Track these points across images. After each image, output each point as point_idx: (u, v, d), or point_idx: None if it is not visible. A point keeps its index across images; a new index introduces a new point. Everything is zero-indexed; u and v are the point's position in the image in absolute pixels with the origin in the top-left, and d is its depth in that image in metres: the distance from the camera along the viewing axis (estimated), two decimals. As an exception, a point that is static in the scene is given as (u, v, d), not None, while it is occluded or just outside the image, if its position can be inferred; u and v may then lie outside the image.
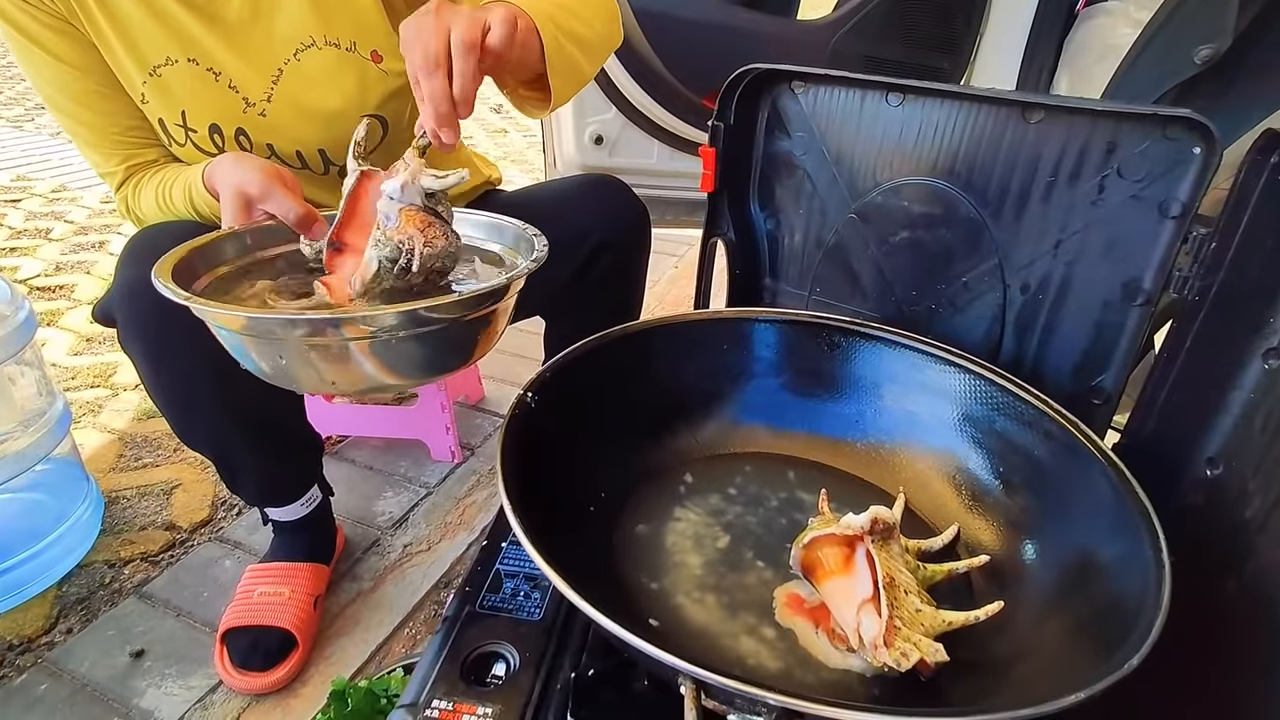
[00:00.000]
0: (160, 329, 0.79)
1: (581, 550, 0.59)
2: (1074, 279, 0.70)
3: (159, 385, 0.85)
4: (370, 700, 0.90)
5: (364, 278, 0.64)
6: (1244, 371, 0.57)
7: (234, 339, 0.62)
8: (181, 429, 0.91)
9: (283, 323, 0.60)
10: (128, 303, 0.79)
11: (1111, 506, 0.54)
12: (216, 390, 0.85)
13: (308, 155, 0.91)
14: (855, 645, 0.53)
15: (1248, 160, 0.54)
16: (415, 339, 0.61)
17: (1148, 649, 0.41)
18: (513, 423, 0.57)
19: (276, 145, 0.89)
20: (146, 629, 1.08)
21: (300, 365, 0.62)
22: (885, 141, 0.77)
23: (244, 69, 0.85)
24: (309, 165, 0.92)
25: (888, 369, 0.75)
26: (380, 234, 0.64)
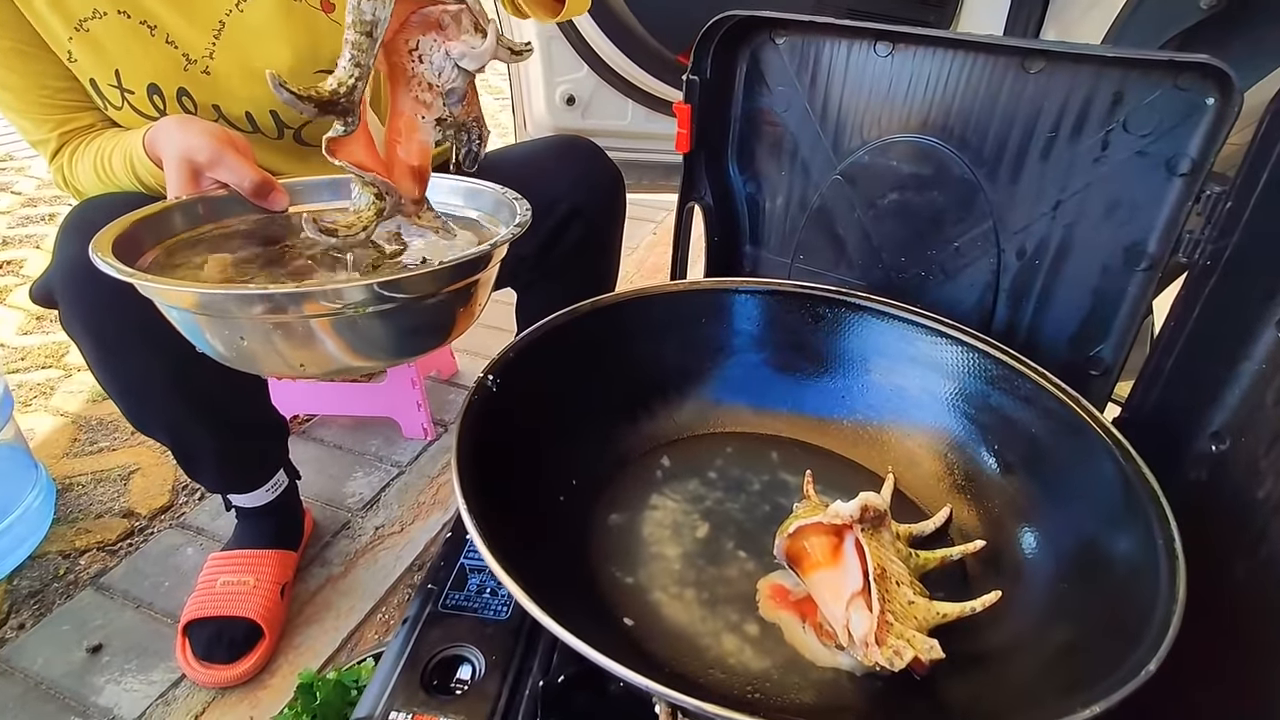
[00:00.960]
0: (106, 310, 0.73)
1: (551, 547, 0.55)
2: (1073, 243, 0.66)
3: (107, 371, 0.79)
4: (340, 692, 0.87)
5: (426, 176, 0.55)
6: (1255, 341, 0.54)
7: (186, 319, 0.55)
8: (134, 416, 0.86)
9: (240, 299, 0.52)
10: (69, 283, 0.73)
11: (1116, 490, 0.51)
12: (170, 375, 0.79)
13: (258, 117, 0.83)
14: (845, 642, 0.49)
15: (1269, 113, 0.49)
16: (390, 315, 0.55)
17: (1165, 652, 0.37)
18: (470, 411, 0.52)
19: (224, 107, 0.81)
20: (104, 622, 1.03)
21: (262, 346, 0.55)
22: (873, 96, 0.72)
23: (181, 22, 0.77)
24: (260, 128, 0.84)
25: (875, 341, 0.70)
26: (446, 112, 0.54)
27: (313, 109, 0.50)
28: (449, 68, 0.54)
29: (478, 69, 0.54)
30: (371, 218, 0.56)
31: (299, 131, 0.86)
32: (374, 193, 0.55)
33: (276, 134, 0.85)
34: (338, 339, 0.54)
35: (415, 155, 0.56)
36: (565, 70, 1.62)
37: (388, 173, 0.56)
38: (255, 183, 0.64)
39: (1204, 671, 0.49)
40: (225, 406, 0.88)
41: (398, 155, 0.56)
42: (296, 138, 0.86)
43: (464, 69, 0.54)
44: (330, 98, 0.51)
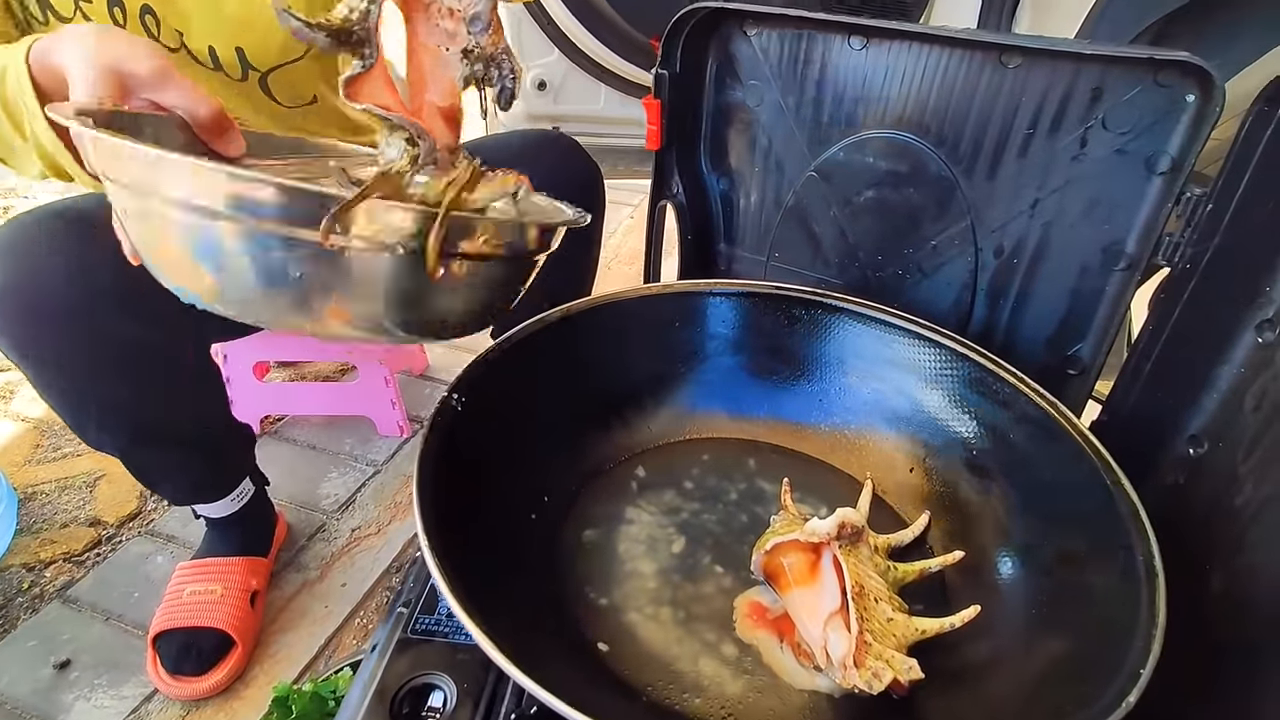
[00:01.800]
0: (45, 338, 0.68)
1: (522, 570, 0.53)
2: (1051, 242, 0.65)
3: (51, 394, 0.75)
4: (316, 704, 0.85)
5: (458, 116, 0.48)
6: (1234, 344, 0.53)
7: (195, 230, 0.41)
8: (84, 436, 0.82)
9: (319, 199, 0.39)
10: (3, 306, 0.66)
11: (1096, 501, 0.50)
12: (114, 398, 0.75)
13: (222, 53, 0.77)
14: (823, 664, 0.49)
15: (1253, 111, 0.48)
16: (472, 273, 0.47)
17: (1145, 683, 0.36)
18: (433, 435, 0.50)
19: (187, 35, 0.74)
20: (72, 636, 1.00)
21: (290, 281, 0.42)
22: (847, 90, 0.70)
23: None
24: (223, 66, 0.77)
25: (852, 344, 0.69)
26: (471, 41, 0.47)
27: (325, 40, 0.42)
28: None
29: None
30: (406, 166, 0.48)
31: (265, 76, 0.80)
32: (405, 137, 0.48)
33: (240, 75, 0.79)
34: (400, 286, 0.44)
35: (444, 94, 0.49)
36: (535, 54, 1.58)
37: (416, 117, 0.49)
38: (213, 111, 0.51)
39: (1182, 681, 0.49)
40: (180, 424, 0.85)
41: (424, 97, 0.49)
42: (262, 83, 0.81)
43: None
44: (343, 25, 0.43)
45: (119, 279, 0.39)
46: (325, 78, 0.86)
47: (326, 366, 1.57)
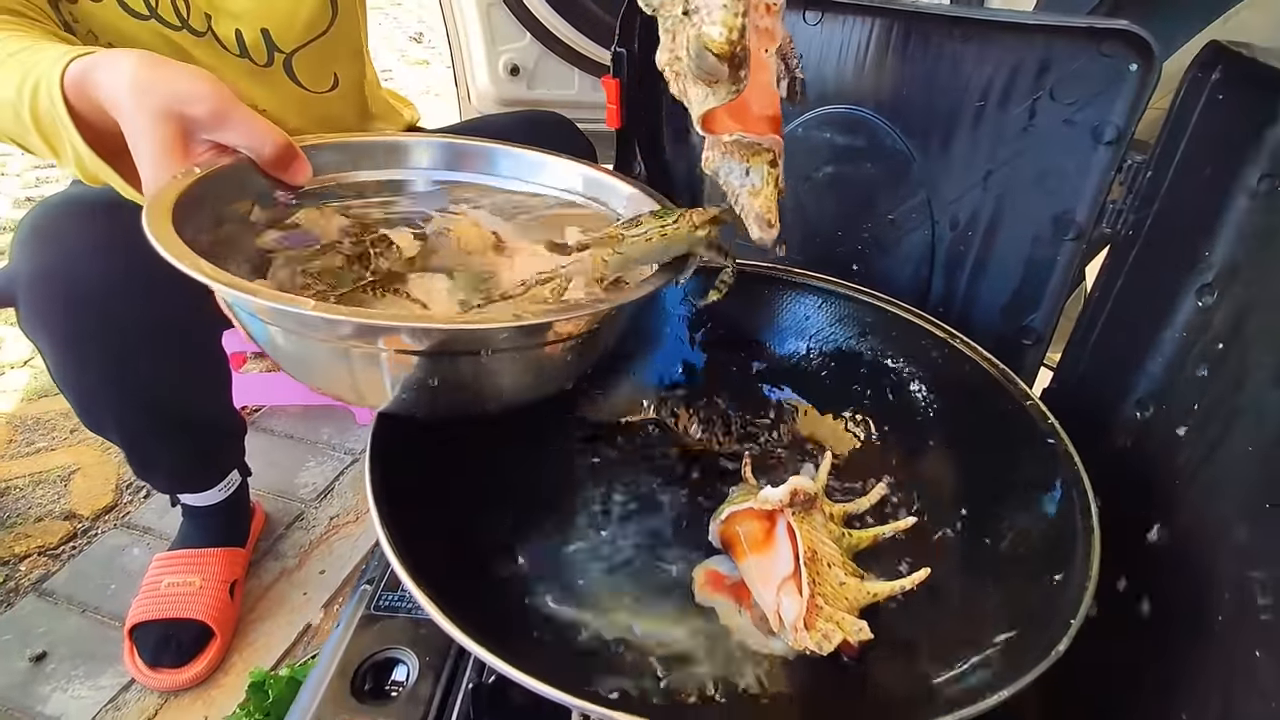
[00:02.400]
0: (70, 318, 0.69)
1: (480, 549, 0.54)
2: (1004, 213, 0.65)
3: (66, 375, 0.76)
4: (293, 689, 0.86)
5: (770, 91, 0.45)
6: (1177, 309, 0.54)
7: (300, 342, 0.45)
8: (90, 419, 0.83)
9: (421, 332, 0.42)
10: (33, 289, 0.68)
11: (1040, 464, 0.51)
12: (133, 381, 0.76)
13: (249, 37, 0.75)
14: (775, 627, 0.50)
15: (1187, 78, 0.49)
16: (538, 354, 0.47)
17: (1074, 632, 0.38)
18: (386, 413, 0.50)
19: (215, 19, 0.73)
20: (48, 629, 1.00)
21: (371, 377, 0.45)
22: (804, 66, 0.70)
23: None
24: (249, 51, 0.76)
25: (813, 318, 0.70)
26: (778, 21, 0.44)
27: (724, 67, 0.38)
28: None
29: None
30: (772, 194, 0.46)
31: (290, 58, 0.79)
32: (769, 160, 0.46)
33: (266, 59, 0.77)
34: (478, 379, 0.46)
35: (769, 102, 0.45)
36: (507, 39, 1.57)
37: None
38: (278, 148, 0.50)
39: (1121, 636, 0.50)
40: (187, 410, 0.85)
41: (752, 109, 0.45)
42: (286, 66, 0.80)
43: None
44: (730, 49, 0.38)
45: (144, 263, 0.38)
46: (344, 58, 0.86)
47: (303, 357, 1.57)
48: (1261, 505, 0.41)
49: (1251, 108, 0.47)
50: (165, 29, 0.72)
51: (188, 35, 0.73)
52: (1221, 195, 0.49)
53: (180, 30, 0.72)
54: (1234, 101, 0.48)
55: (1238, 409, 0.46)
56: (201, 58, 0.75)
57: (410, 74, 3.68)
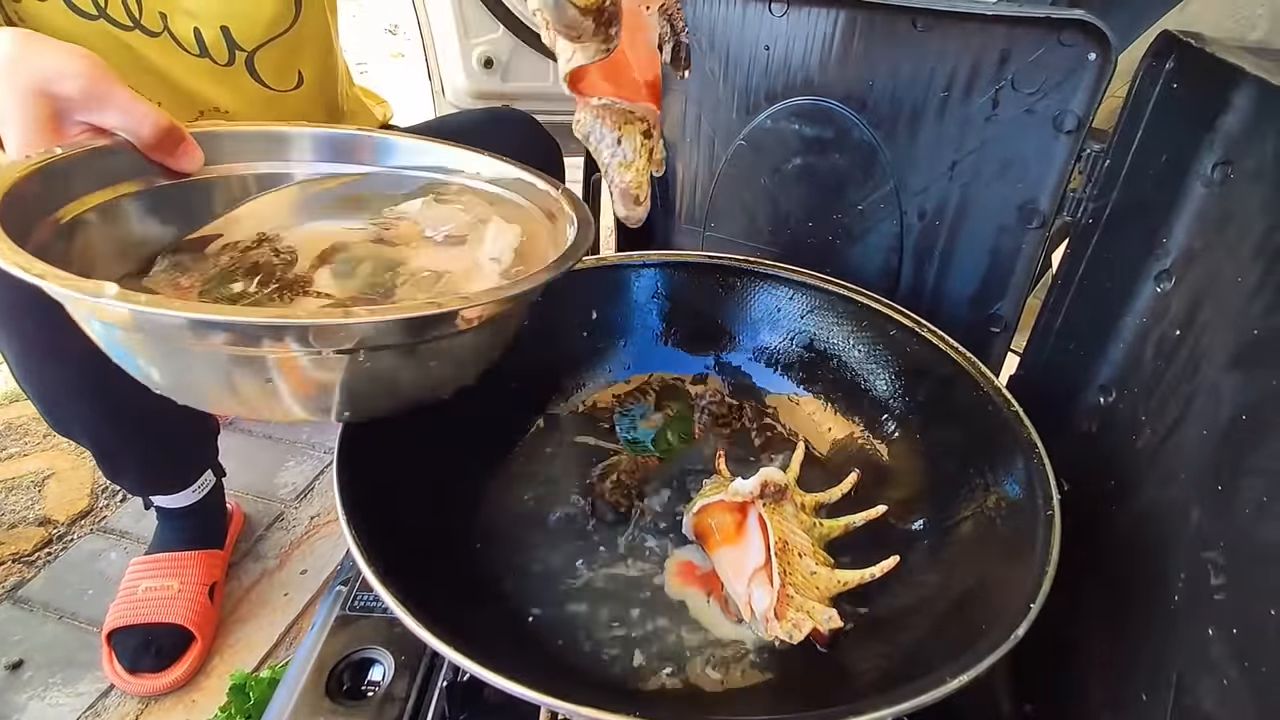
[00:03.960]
0: (33, 320, 0.67)
1: (449, 546, 0.54)
2: (970, 203, 0.66)
3: (27, 374, 0.74)
4: (274, 690, 0.85)
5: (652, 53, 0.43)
6: (1136, 295, 0.55)
7: (125, 340, 0.41)
8: (54, 421, 0.81)
9: (259, 329, 0.37)
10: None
11: (1005, 452, 0.52)
12: (98, 383, 0.74)
13: (208, 36, 0.73)
14: (747, 618, 0.50)
15: (1142, 67, 0.49)
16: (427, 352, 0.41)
17: (1033, 616, 0.38)
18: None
19: (171, 18, 0.71)
20: (24, 637, 0.99)
21: (225, 382, 0.41)
22: (772, 58, 0.70)
23: None
24: (209, 51, 0.74)
25: (784, 310, 0.70)
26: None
27: (587, 22, 0.37)
28: None
29: None
30: (644, 167, 0.44)
31: (252, 56, 0.77)
32: (643, 130, 0.43)
33: (227, 58, 0.75)
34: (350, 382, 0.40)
35: (649, 65, 0.43)
36: (480, 31, 1.56)
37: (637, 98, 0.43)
38: (161, 127, 0.46)
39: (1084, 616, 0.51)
40: (153, 409, 0.83)
41: (630, 73, 0.43)
42: (249, 65, 0.77)
43: None
44: (599, 4, 0.37)
45: None
46: (310, 55, 0.83)
47: (280, 356, 1.55)
48: (1214, 487, 0.42)
49: (1204, 96, 0.48)
50: (115, 29, 0.69)
51: (140, 35, 0.71)
52: (1177, 182, 0.50)
53: (132, 30, 0.70)
54: (1187, 90, 0.48)
55: (1192, 393, 0.47)
56: (156, 59, 0.73)
57: (386, 67, 3.63)
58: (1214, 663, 0.39)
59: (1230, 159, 0.47)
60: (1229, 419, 0.42)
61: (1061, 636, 0.50)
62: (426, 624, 0.37)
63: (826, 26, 0.66)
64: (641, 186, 0.45)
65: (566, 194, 0.53)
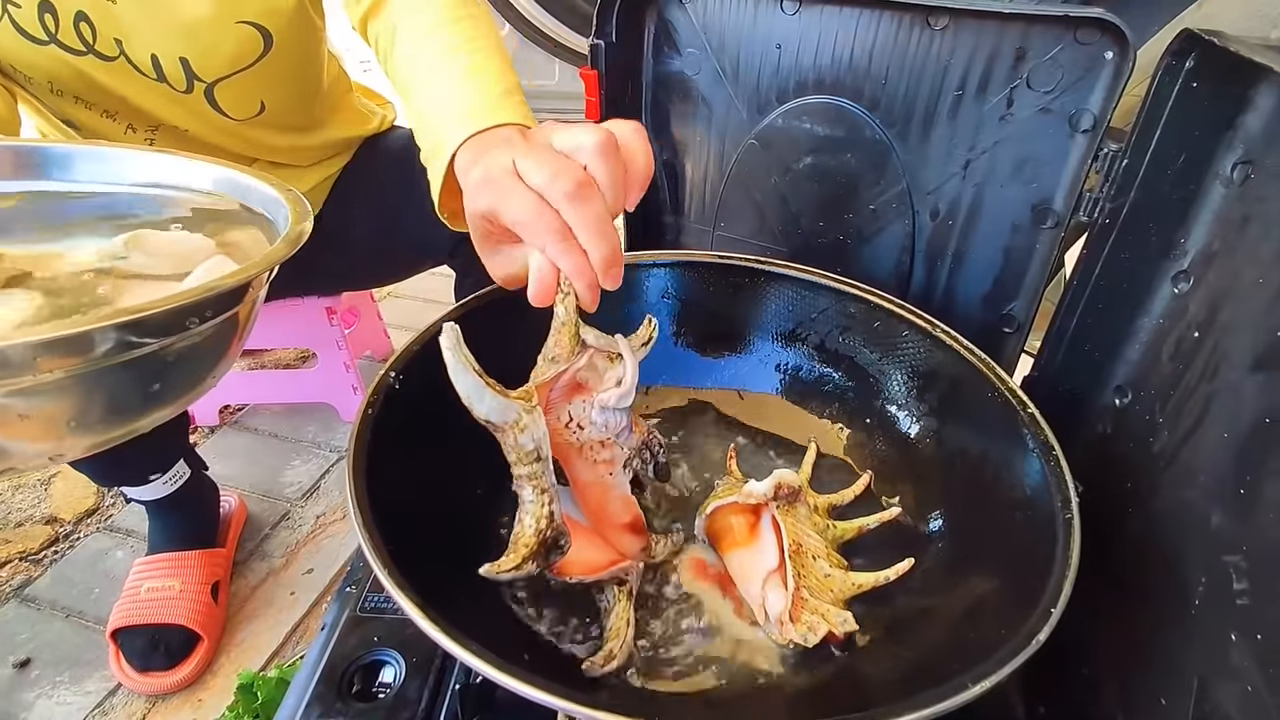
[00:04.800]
0: None
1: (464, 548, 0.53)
2: (983, 202, 0.66)
3: None
4: (282, 690, 0.85)
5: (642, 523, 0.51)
6: (1153, 296, 0.54)
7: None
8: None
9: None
10: None
11: (1020, 454, 0.52)
12: None
13: (166, 64, 0.73)
14: (760, 621, 0.50)
15: (1161, 65, 0.49)
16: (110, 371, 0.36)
17: (1055, 621, 0.38)
18: (368, 413, 0.50)
19: (127, 44, 0.71)
20: (31, 635, 0.99)
21: None
22: (783, 56, 0.70)
23: None
24: (167, 78, 0.74)
25: (795, 310, 0.70)
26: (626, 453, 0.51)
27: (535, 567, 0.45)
28: (610, 415, 0.49)
29: (632, 400, 0.49)
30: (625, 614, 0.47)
31: (211, 88, 0.77)
32: (626, 592, 0.48)
33: (186, 87, 0.75)
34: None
35: (624, 512, 0.50)
36: (485, 29, 1.55)
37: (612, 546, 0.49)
38: None
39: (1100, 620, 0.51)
40: None
41: (609, 523, 0.50)
42: (208, 95, 0.77)
43: (624, 408, 0.49)
44: (540, 545, 0.44)
45: None
46: (274, 86, 0.82)
47: (287, 354, 1.55)
48: (1236, 490, 0.41)
49: (1224, 95, 0.47)
50: (66, 54, 0.69)
51: (94, 60, 0.70)
52: (1196, 182, 0.50)
53: (85, 55, 0.70)
54: (1207, 89, 0.48)
55: (1212, 395, 0.46)
56: (110, 83, 0.72)
57: (389, 65, 3.62)
58: (1236, 668, 0.39)
59: (1251, 158, 0.47)
60: (1251, 421, 0.41)
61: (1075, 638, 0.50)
62: (443, 627, 0.37)
63: (839, 24, 0.66)
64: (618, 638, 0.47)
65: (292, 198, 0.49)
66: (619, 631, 0.46)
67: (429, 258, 1.02)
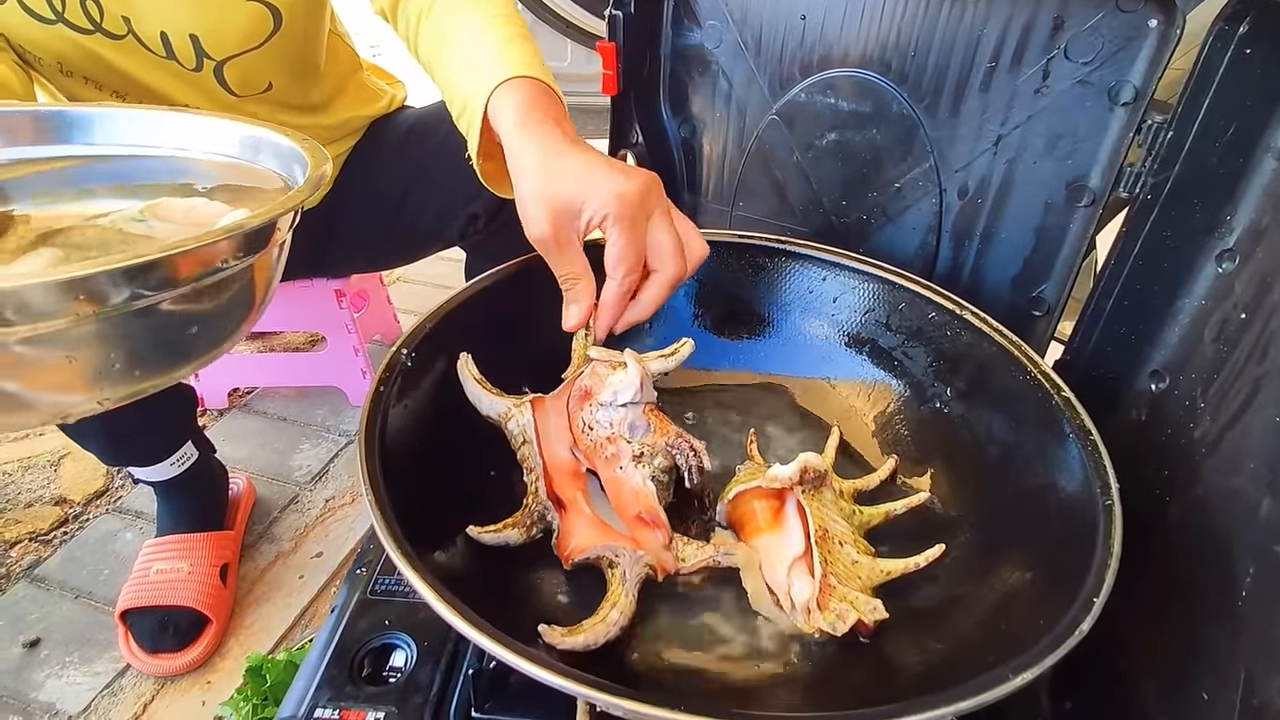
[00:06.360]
0: None
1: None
2: (1015, 180, 0.63)
3: None
4: (290, 672, 0.85)
5: (654, 514, 0.50)
6: (1195, 276, 0.52)
7: None
8: None
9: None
10: None
11: (1058, 441, 0.50)
12: None
13: (175, 41, 0.72)
14: (787, 608, 0.48)
15: (1213, 31, 0.46)
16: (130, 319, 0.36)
17: (1098, 611, 0.36)
18: (380, 392, 0.48)
19: (135, 21, 0.70)
20: (41, 615, 0.99)
21: None
22: (807, 28, 0.68)
23: None
24: (177, 55, 0.73)
25: (817, 291, 0.68)
26: (635, 447, 0.52)
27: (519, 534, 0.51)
28: (613, 413, 0.53)
29: (639, 398, 0.53)
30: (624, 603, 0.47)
31: (221, 65, 0.76)
32: (620, 575, 0.48)
33: (195, 64, 0.75)
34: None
35: (635, 504, 0.51)
36: (497, 9, 1.53)
37: (630, 537, 0.50)
38: None
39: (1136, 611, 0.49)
40: None
41: (625, 515, 0.52)
42: (217, 73, 0.76)
43: (626, 404, 0.53)
44: (524, 515, 0.52)
45: None
46: (282, 65, 0.81)
47: (295, 337, 1.54)
48: (1288, 477, 0.39)
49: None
50: (74, 33, 0.68)
51: (102, 39, 0.69)
52: (1246, 155, 0.48)
53: (93, 34, 0.69)
54: (1262, 55, 0.45)
55: (1261, 378, 0.44)
56: (119, 61, 0.71)
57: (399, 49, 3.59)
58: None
59: (1307, 130, 0.44)
60: (1306, 405, 0.40)
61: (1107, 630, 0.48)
62: (458, 609, 0.36)
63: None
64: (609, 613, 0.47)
65: (310, 146, 0.49)
66: (601, 611, 0.46)
67: (439, 239, 1.00)
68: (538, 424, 0.54)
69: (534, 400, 0.55)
